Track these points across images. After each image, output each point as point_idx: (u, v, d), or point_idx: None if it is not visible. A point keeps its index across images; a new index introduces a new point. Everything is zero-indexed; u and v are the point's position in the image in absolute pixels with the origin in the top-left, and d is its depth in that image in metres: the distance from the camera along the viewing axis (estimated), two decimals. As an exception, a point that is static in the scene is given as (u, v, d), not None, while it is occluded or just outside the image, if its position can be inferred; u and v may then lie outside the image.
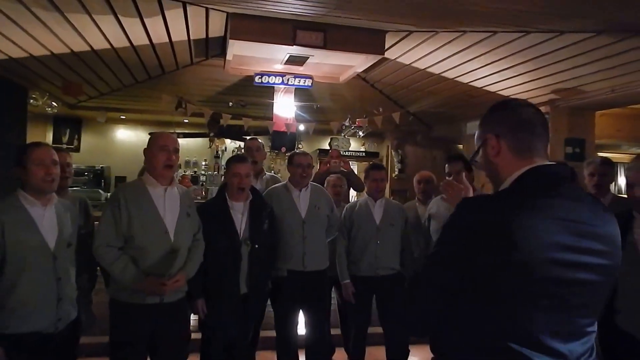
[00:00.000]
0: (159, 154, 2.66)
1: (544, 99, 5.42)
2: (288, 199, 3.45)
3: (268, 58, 4.77)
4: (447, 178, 3.40)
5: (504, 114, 1.32)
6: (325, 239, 3.55)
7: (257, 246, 3.08)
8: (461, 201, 1.23)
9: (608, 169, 3.29)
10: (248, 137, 5.44)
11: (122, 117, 8.74)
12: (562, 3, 3.06)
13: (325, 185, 4.24)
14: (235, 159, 3.18)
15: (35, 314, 2.24)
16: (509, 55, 4.27)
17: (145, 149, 2.73)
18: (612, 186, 3.69)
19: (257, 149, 3.99)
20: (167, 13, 3.78)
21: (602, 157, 3.51)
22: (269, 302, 3.49)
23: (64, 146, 8.79)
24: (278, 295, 3.38)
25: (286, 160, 3.69)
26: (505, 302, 1.11)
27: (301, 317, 3.48)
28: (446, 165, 3.56)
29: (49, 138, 9.02)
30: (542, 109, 4.85)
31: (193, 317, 3.19)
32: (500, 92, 5.39)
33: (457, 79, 5.25)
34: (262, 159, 4.10)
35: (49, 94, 6.35)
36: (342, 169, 4.71)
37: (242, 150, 7.80)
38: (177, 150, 2.73)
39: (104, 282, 2.88)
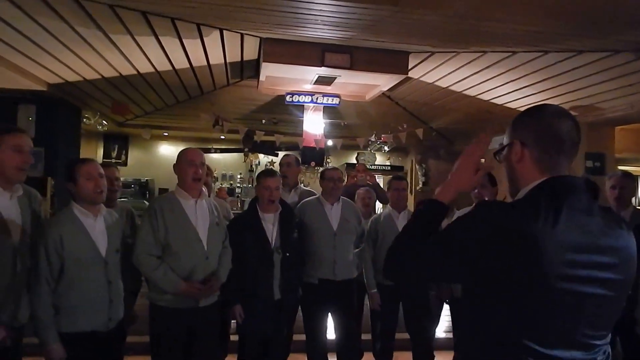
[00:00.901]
0: (187, 168, 2.67)
1: (563, 115, 5.29)
2: (321, 212, 3.45)
3: (298, 78, 4.82)
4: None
5: (535, 123, 1.20)
6: (354, 249, 3.53)
7: (287, 254, 3.08)
8: (479, 203, 1.17)
9: (629, 182, 3.18)
10: (281, 153, 5.45)
11: (165, 133, 8.95)
12: (578, 24, 2.99)
13: (355, 198, 4.23)
14: (265, 173, 3.18)
15: (90, 315, 2.29)
16: (528, 74, 4.19)
17: (174, 164, 2.73)
18: (632, 200, 3.55)
19: (287, 164, 3.97)
20: (205, 39, 3.88)
21: (623, 170, 3.39)
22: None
23: (113, 160, 9.05)
24: (308, 301, 3.37)
25: (316, 174, 3.70)
26: (512, 309, 1.06)
27: (331, 322, 3.46)
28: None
29: (100, 153, 9.28)
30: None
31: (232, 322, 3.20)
32: (519, 109, 5.29)
33: (477, 96, 5.18)
34: (294, 174, 4.06)
35: (100, 114, 6.57)
36: (367, 182, 4.69)
37: (274, 165, 7.86)
38: (203, 164, 2.73)
39: (148, 286, 2.93)
